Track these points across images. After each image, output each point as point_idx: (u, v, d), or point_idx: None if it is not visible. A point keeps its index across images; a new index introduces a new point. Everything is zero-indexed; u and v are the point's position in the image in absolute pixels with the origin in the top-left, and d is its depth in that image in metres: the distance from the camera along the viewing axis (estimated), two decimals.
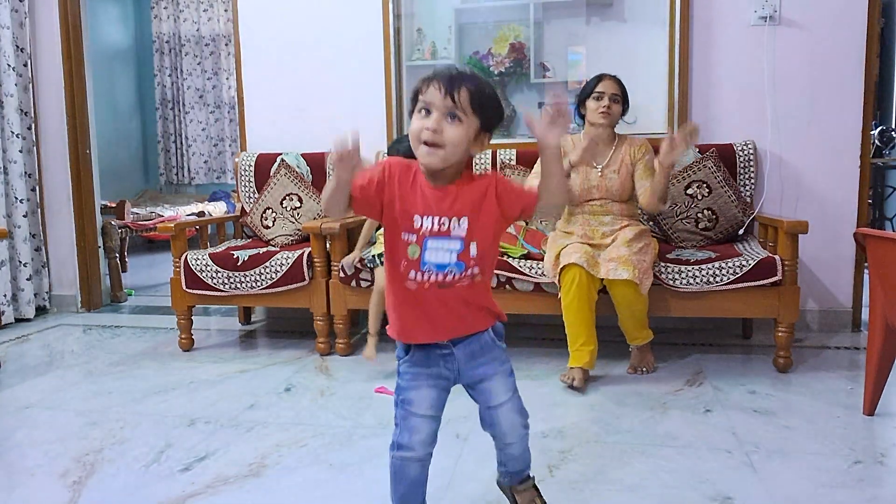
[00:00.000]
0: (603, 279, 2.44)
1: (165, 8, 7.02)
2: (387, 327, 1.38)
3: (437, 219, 1.26)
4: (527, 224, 2.94)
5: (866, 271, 2.37)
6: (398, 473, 1.38)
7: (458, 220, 1.27)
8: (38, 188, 3.79)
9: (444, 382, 1.36)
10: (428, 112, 1.24)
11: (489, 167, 3.17)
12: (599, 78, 2.62)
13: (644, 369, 2.55)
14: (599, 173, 2.63)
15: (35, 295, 3.81)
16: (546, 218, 1.35)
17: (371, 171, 1.29)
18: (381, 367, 2.72)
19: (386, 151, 3.40)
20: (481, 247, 1.28)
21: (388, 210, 1.29)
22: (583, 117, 2.68)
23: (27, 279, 3.72)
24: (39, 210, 3.82)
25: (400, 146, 2.49)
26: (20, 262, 3.71)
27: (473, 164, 3.21)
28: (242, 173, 3.44)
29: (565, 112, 1.22)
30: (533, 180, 2.70)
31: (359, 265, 2.75)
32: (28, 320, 3.72)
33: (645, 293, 2.42)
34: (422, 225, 1.26)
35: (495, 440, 1.46)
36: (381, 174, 1.29)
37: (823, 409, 2.21)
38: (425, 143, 1.23)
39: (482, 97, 1.25)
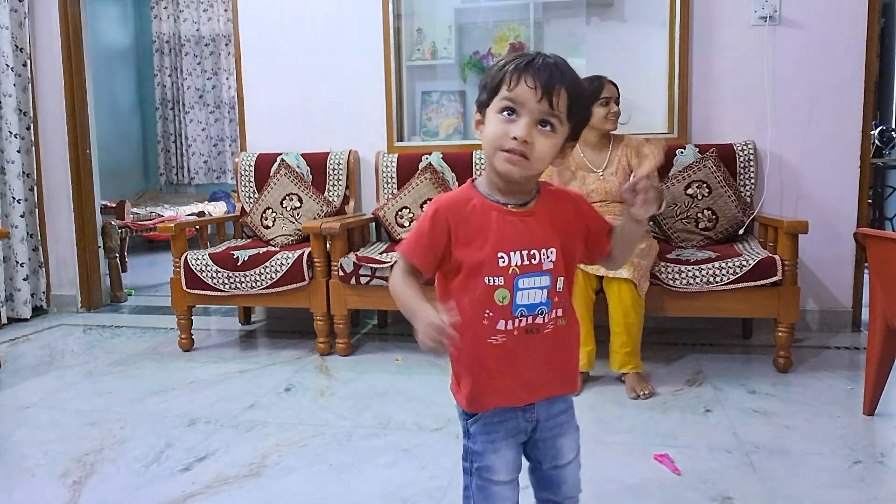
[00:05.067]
0: (601, 279, 2.44)
1: (165, 8, 7.02)
2: (455, 391, 1.13)
3: (525, 252, 1.03)
4: None
5: (866, 271, 2.37)
6: None
7: (548, 252, 1.04)
8: (36, 188, 3.80)
9: (522, 437, 1.12)
10: (512, 112, 1.00)
11: None
12: (601, 81, 2.60)
13: (645, 393, 2.33)
14: (599, 176, 2.63)
15: (32, 295, 3.81)
16: (604, 266, 1.15)
17: (424, 231, 1.04)
18: (380, 371, 2.71)
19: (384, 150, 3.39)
20: (567, 281, 1.08)
21: (461, 255, 1.04)
22: None
23: (24, 279, 3.71)
24: (38, 210, 3.82)
25: None
26: (17, 261, 3.70)
27: (474, 164, 3.21)
28: (242, 173, 3.44)
29: (660, 194, 1.05)
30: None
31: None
32: (25, 320, 3.72)
33: (642, 296, 2.42)
34: (509, 262, 1.02)
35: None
36: (441, 227, 1.04)
37: (823, 409, 2.21)
38: (508, 151, 1.00)
39: (580, 101, 1.03)
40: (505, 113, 1.01)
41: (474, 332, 1.05)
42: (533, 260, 1.04)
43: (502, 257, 1.03)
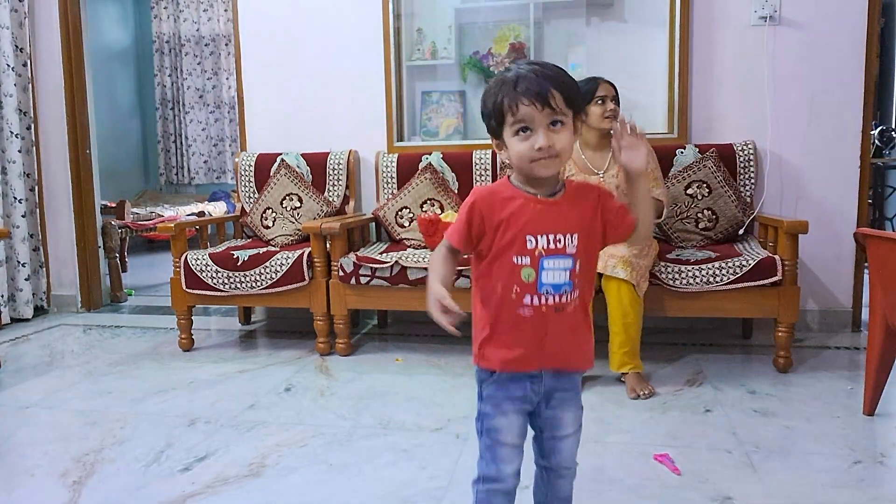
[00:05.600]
0: (600, 277, 2.43)
1: (165, 8, 7.02)
2: (476, 360, 1.25)
3: (551, 236, 1.17)
4: None
5: (866, 271, 2.37)
6: None
7: (571, 237, 1.18)
8: (36, 188, 3.80)
9: (528, 407, 1.25)
10: (526, 129, 1.15)
11: (489, 167, 3.17)
12: (596, 82, 2.59)
13: (645, 393, 2.34)
14: (600, 178, 2.63)
15: (33, 295, 3.81)
16: (634, 244, 1.32)
17: (462, 219, 1.20)
18: (382, 368, 2.71)
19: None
20: (584, 265, 1.21)
21: (492, 239, 1.19)
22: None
23: (25, 279, 3.72)
24: (38, 210, 3.82)
25: None
26: (18, 262, 3.71)
27: (474, 164, 3.21)
28: (242, 173, 3.44)
29: (638, 133, 1.21)
30: None
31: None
32: (26, 320, 3.72)
33: (641, 296, 2.41)
34: (536, 245, 1.17)
35: (547, 473, 1.32)
36: (477, 216, 1.19)
37: (823, 409, 2.21)
38: (540, 159, 1.15)
39: (570, 89, 1.17)
40: (520, 133, 1.16)
41: (506, 304, 1.19)
42: (558, 244, 1.17)
43: (530, 240, 1.17)
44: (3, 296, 3.60)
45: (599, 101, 2.56)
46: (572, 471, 1.32)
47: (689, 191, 2.92)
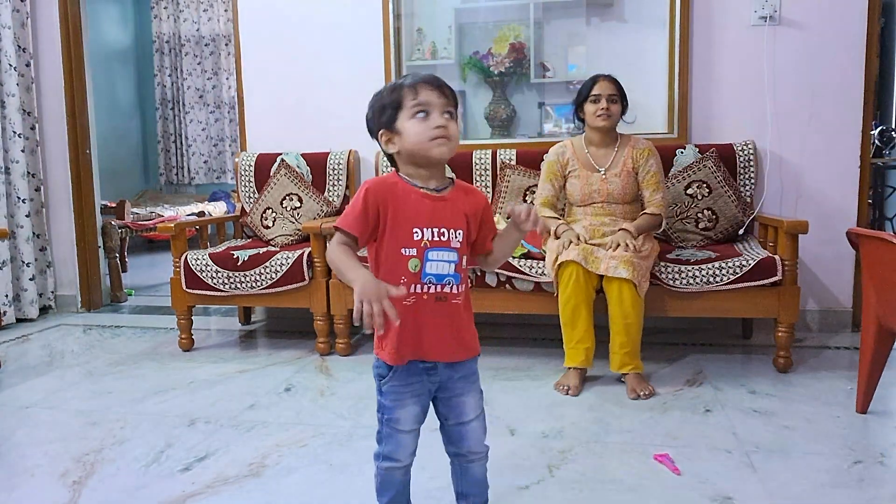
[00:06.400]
0: (602, 278, 2.43)
1: (165, 8, 7.02)
2: (377, 351, 1.33)
3: (436, 230, 1.26)
4: None
5: None
6: (385, 482, 1.40)
7: (456, 232, 1.28)
8: (43, 188, 3.80)
9: (426, 396, 1.35)
10: (423, 112, 1.26)
11: (489, 167, 3.17)
12: (594, 80, 2.59)
13: (645, 393, 2.34)
14: (602, 176, 2.62)
15: (40, 295, 3.81)
16: (479, 266, 1.43)
17: (357, 207, 1.25)
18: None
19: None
20: (467, 261, 1.32)
21: (383, 229, 1.27)
22: (582, 121, 2.67)
23: (30, 279, 3.71)
24: (44, 210, 3.82)
25: None
26: (23, 262, 3.71)
27: (474, 164, 3.21)
28: (242, 173, 3.44)
29: (533, 216, 1.30)
30: (541, 208, 2.71)
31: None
32: (31, 320, 3.72)
33: (641, 296, 2.41)
34: (422, 237, 1.25)
35: (459, 460, 1.42)
36: (372, 204, 1.25)
37: (823, 409, 2.21)
38: (436, 138, 1.25)
39: (456, 97, 1.31)
40: (419, 115, 1.26)
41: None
42: (442, 237, 1.26)
43: (416, 232, 1.25)
44: (7, 296, 3.60)
45: (594, 100, 2.56)
46: (483, 455, 1.40)
47: (689, 191, 2.92)
